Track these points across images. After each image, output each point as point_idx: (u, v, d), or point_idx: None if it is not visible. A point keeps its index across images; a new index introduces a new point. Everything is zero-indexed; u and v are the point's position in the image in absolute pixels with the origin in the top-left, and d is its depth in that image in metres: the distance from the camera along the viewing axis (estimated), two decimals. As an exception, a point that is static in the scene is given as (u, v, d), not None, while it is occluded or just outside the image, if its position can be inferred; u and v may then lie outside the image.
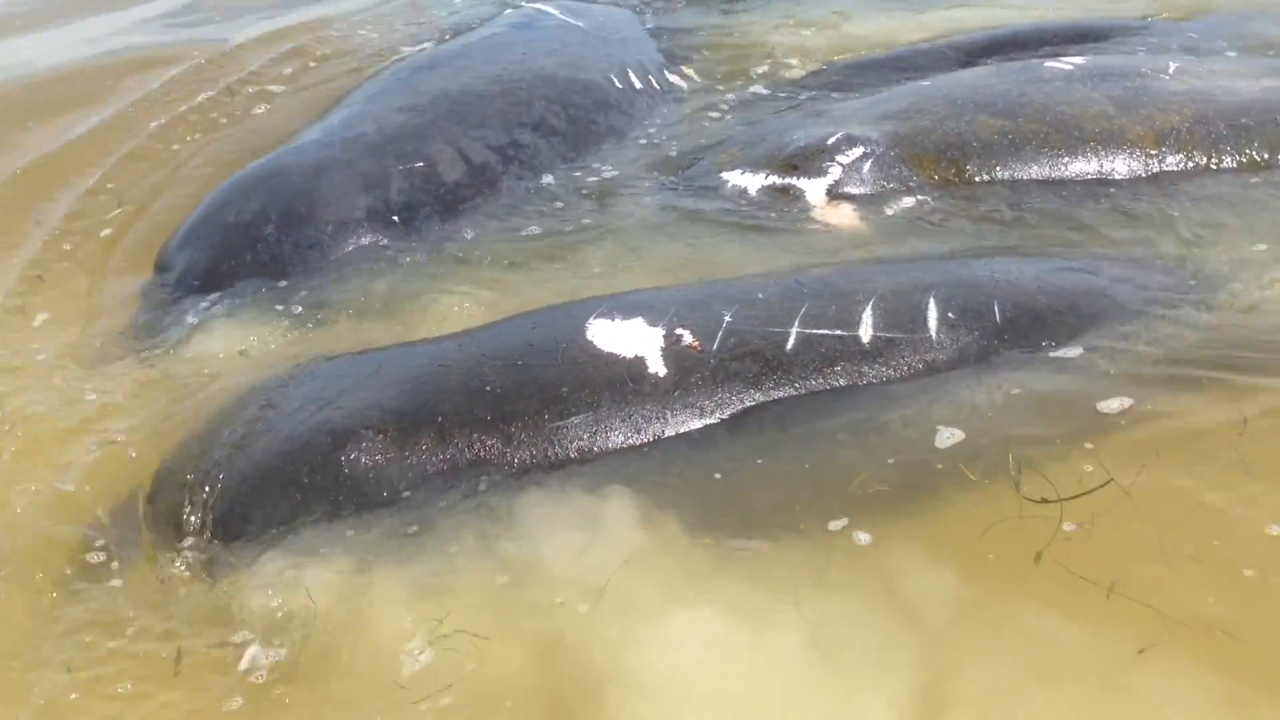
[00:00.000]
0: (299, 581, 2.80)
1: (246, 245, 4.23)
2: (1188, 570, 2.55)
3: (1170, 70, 4.73)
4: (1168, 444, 2.92)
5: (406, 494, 3.02)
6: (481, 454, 3.08)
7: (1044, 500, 2.77)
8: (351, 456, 3.05)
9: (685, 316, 3.32)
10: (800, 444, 3.05)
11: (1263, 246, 3.83)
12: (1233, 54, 5.28)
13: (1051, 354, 3.29)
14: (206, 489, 3.06)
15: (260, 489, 3.03)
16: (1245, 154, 4.34)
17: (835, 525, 2.80)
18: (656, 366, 3.19)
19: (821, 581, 2.64)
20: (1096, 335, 3.34)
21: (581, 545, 2.86)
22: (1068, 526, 2.67)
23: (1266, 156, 4.33)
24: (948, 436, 3.00)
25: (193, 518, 3.02)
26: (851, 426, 3.09)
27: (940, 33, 6.01)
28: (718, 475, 3.00)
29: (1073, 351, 3.29)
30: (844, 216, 4.39)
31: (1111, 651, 2.39)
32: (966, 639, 2.47)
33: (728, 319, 3.30)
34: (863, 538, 2.76)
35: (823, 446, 3.03)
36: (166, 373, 3.68)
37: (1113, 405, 3.07)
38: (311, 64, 6.56)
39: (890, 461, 2.96)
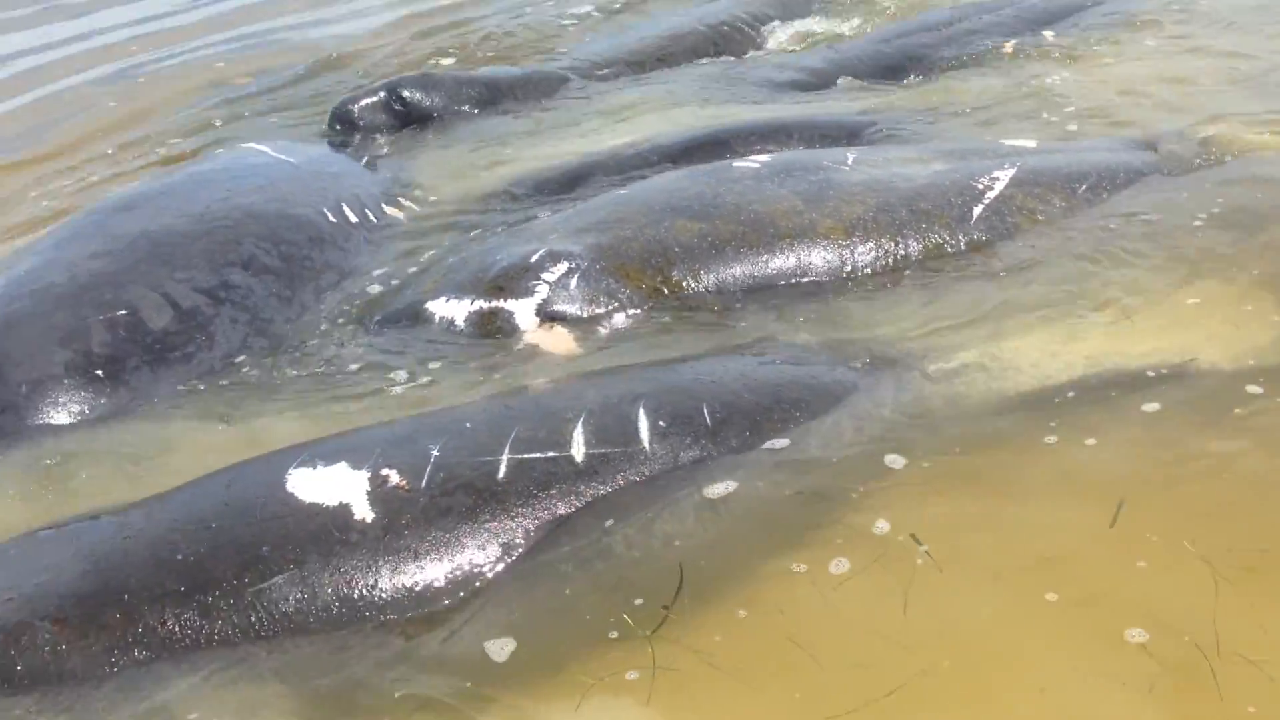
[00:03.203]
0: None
1: None
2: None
3: (849, 161, 5.12)
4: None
5: (96, 684, 2.86)
6: (177, 630, 2.95)
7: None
8: (27, 651, 2.87)
9: (391, 455, 3.32)
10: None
11: (947, 323, 4.18)
12: (903, 141, 5.76)
13: (762, 449, 3.47)
14: None
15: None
16: (927, 237, 4.72)
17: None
18: (363, 511, 3.16)
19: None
20: (802, 426, 3.55)
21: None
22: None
23: (947, 238, 4.73)
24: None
25: None
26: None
27: (645, 136, 6.29)
28: (440, 626, 2.98)
29: (781, 443, 3.48)
30: (556, 338, 4.49)
31: None
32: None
33: (435, 453, 3.31)
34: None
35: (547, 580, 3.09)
36: None
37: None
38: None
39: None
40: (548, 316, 4.57)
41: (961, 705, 2.71)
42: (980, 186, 4.92)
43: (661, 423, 3.48)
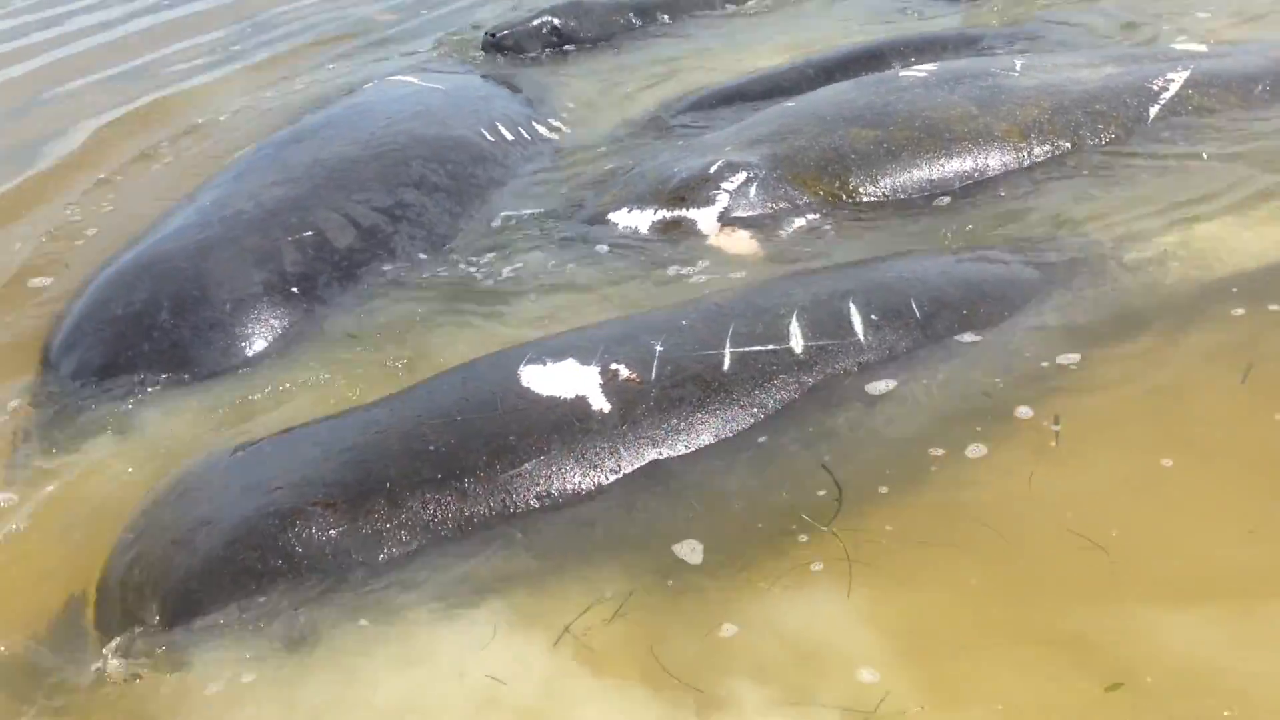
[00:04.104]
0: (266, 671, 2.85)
1: (142, 334, 4.23)
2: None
3: (1018, 68, 5.16)
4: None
5: (366, 566, 3.08)
6: (438, 513, 3.16)
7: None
8: (302, 534, 3.09)
9: (616, 352, 3.49)
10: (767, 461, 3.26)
11: (1136, 216, 4.24)
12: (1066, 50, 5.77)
13: (971, 339, 3.59)
14: (153, 589, 3.05)
15: (210, 582, 3.05)
16: (1104, 137, 4.77)
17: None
18: (600, 403, 3.34)
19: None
20: (1008, 318, 3.65)
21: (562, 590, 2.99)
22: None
23: (1124, 138, 4.77)
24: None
25: (142, 616, 3.02)
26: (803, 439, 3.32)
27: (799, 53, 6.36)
28: (690, 503, 3.17)
29: (979, 337, 3.61)
30: (740, 242, 4.63)
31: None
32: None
33: (659, 348, 3.48)
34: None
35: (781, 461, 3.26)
36: (83, 473, 3.65)
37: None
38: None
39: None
40: (728, 224, 4.70)
41: (1171, 555, 2.85)
42: (1155, 88, 4.94)
43: (873, 316, 3.61)
